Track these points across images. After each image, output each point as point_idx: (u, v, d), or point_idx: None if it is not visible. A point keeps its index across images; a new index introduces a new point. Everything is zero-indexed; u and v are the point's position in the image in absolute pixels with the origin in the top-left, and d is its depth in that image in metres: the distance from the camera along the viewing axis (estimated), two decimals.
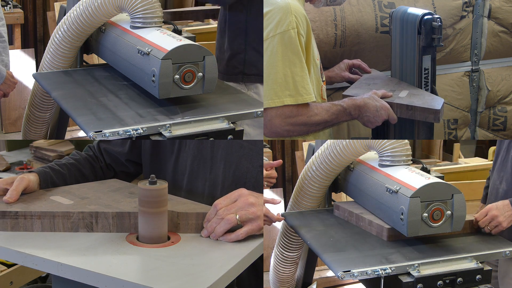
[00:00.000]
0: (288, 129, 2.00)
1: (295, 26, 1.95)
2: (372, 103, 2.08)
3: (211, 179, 1.91)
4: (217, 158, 1.91)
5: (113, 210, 1.72)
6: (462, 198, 1.83)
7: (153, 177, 1.64)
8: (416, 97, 2.22)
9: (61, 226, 1.71)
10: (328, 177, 2.13)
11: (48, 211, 1.71)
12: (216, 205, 1.69)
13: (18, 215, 1.70)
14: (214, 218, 1.67)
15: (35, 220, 1.71)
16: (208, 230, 1.67)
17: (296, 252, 2.32)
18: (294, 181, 3.93)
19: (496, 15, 2.86)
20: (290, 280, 2.41)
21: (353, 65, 2.47)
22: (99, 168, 2.11)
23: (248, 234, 1.66)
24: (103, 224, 1.71)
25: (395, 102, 2.17)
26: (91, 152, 2.14)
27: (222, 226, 1.65)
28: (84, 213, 1.71)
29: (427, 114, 2.15)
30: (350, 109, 2.07)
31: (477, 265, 1.83)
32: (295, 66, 1.96)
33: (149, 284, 1.43)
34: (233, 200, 1.69)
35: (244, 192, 1.71)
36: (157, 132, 1.70)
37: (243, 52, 2.40)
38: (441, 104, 2.18)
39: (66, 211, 1.71)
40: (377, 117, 2.09)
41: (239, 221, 1.65)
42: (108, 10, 1.92)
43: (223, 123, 1.76)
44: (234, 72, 2.45)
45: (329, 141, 2.09)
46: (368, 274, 1.73)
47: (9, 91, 2.76)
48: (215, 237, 1.66)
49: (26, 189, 1.84)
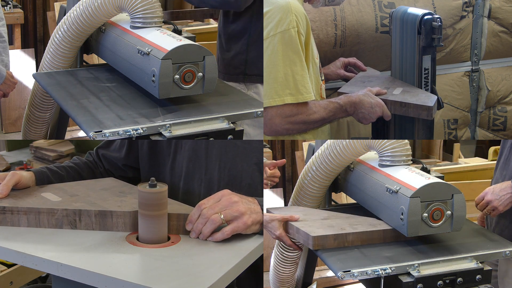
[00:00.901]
0: (287, 128, 2.02)
1: (295, 25, 1.96)
2: (367, 100, 2.12)
3: (206, 179, 1.91)
4: (212, 158, 1.91)
5: (96, 208, 1.72)
6: (462, 198, 1.83)
7: (153, 180, 1.63)
8: (409, 94, 2.26)
9: (46, 222, 1.72)
10: (328, 177, 2.13)
11: (33, 207, 1.72)
12: (200, 205, 1.69)
13: (5, 210, 1.72)
14: (199, 219, 1.67)
15: (21, 216, 1.72)
16: (196, 232, 1.68)
17: (296, 252, 2.32)
18: (294, 181, 3.93)
19: (496, 15, 2.86)
20: (290, 280, 2.41)
21: (348, 63, 2.50)
22: (99, 173, 2.12)
23: (234, 232, 1.66)
24: (86, 222, 1.72)
25: (389, 99, 2.21)
26: (91, 158, 2.15)
27: (208, 227, 1.66)
28: (68, 210, 1.72)
29: (420, 110, 2.20)
30: (346, 106, 2.10)
31: (477, 265, 1.83)
32: (296, 65, 1.97)
33: (149, 284, 1.43)
34: (216, 200, 1.70)
35: (226, 192, 1.71)
36: (157, 132, 1.70)
37: (245, 52, 2.40)
38: (434, 101, 2.21)
39: (50, 207, 1.72)
40: (371, 114, 2.13)
41: (223, 220, 1.66)
42: (108, 10, 1.92)
43: (223, 123, 1.76)
44: (236, 72, 2.45)
45: (329, 141, 2.09)
46: (368, 274, 1.73)
47: (9, 91, 2.76)
48: (203, 238, 1.67)
49: (18, 185, 1.84)
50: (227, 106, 1.83)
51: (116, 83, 1.95)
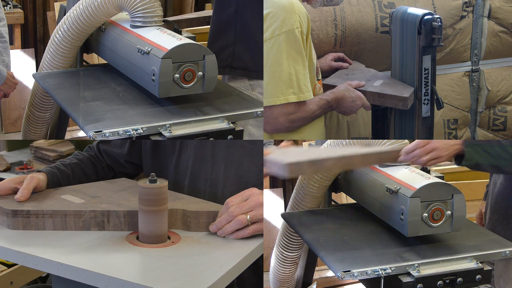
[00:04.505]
0: (288, 126, 2.06)
1: (299, 26, 1.99)
2: (348, 95, 2.18)
3: (212, 179, 1.91)
4: (218, 158, 1.91)
5: (125, 209, 1.72)
6: (462, 198, 1.83)
7: (153, 175, 1.64)
8: (388, 86, 2.35)
9: (73, 224, 1.71)
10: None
11: (60, 209, 1.71)
12: (228, 203, 1.70)
13: (30, 213, 1.71)
14: (225, 215, 1.68)
15: (47, 219, 1.71)
16: (217, 226, 1.69)
17: (296, 252, 2.32)
18: (294, 181, 3.93)
19: (496, 15, 2.86)
20: (290, 280, 2.41)
21: (337, 56, 2.60)
22: (101, 168, 2.12)
23: (255, 233, 1.68)
24: (114, 223, 1.72)
25: (368, 90, 2.30)
26: (92, 152, 2.14)
27: (232, 226, 1.67)
28: (95, 212, 1.71)
29: (397, 101, 2.29)
30: (332, 101, 2.16)
31: (477, 265, 1.83)
32: (299, 64, 2.01)
33: (149, 284, 1.43)
34: (244, 198, 1.71)
35: (255, 192, 1.72)
36: (157, 132, 1.70)
37: (232, 45, 2.38)
38: (410, 92, 2.30)
39: (77, 209, 1.72)
40: (352, 107, 2.20)
41: (249, 221, 1.67)
42: (108, 9, 1.92)
43: (223, 123, 1.76)
44: (222, 65, 2.42)
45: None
46: (368, 274, 1.73)
47: (10, 92, 2.76)
48: (223, 234, 1.68)
49: (36, 188, 1.84)
50: (227, 106, 1.83)
51: (116, 83, 1.95)
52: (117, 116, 1.73)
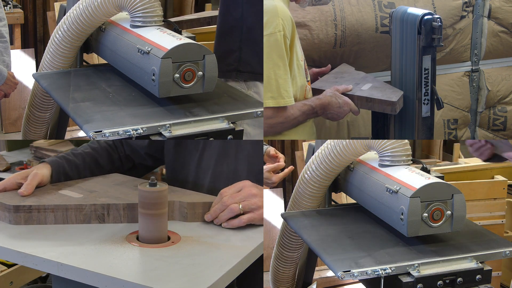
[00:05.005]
0: (266, 130, 2.08)
1: (281, 29, 1.99)
2: (335, 101, 2.17)
3: (235, 179, 1.92)
4: (241, 159, 1.96)
5: (124, 202, 1.78)
6: (462, 198, 1.83)
7: (153, 179, 1.66)
8: (377, 89, 2.32)
9: (74, 218, 1.76)
10: (328, 177, 2.13)
11: (61, 204, 1.76)
12: (222, 193, 1.78)
13: (32, 208, 1.75)
14: (218, 204, 1.77)
15: (49, 213, 1.75)
16: (212, 215, 1.77)
17: (296, 252, 2.32)
18: (294, 181, 3.93)
19: (496, 15, 2.86)
20: (290, 280, 2.41)
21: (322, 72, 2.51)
22: (118, 158, 2.13)
23: (249, 221, 1.75)
24: (114, 216, 1.77)
25: (356, 94, 2.27)
26: (111, 142, 2.15)
27: (226, 214, 1.75)
28: (96, 205, 1.77)
29: (385, 105, 2.27)
30: (317, 108, 2.15)
31: (477, 265, 1.83)
32: (279, 68, 2.01)
33: (149, 284, 1.43)
34: (237, 189, 1.78)
35: (247, 184, 1.80)
36: (157, 132, 1.70)
37: (238, 50, 2.39)
38: (398, 97, 2.27)
39: (78, 203, 1.76)
40: (340, 113, 2.20)
41: (242, 210, 1.75)
42: (108, 9, 1.92)
43: (223, 123, 1.76)
44: (229, 69, 2.43)
45: (329, 140, 2.09)
46: (368, 274, 1.73)
47: (10, 92, 2.76)
48: (218, 222, 1.76)
49: (39, 184, 1.88)
50: (227, 106, 1.83)
51: (116, 83, 1.95)
52: (117, 115, 1.73)
